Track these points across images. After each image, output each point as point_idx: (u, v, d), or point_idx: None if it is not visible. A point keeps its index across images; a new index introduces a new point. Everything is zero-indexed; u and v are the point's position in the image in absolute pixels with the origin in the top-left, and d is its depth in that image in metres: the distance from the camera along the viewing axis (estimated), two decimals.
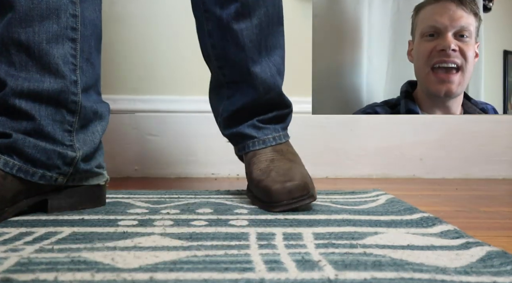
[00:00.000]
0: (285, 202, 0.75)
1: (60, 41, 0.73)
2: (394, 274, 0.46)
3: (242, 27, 0.81)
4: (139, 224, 0.67)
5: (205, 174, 1.27)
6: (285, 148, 0.86)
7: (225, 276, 0.45)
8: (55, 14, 0.72)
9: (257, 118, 0.86)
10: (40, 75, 0.71)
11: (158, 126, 1.27)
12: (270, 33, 0.84)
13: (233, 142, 0.90)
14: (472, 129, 1.32)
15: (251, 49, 0.82)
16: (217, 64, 0.86)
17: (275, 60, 0.85)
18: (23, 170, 0.70)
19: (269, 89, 0.84)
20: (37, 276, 0.45)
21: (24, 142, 0.70)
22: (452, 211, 0.84)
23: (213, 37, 0.84)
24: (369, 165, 1.30)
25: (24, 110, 0.70)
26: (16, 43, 0.70)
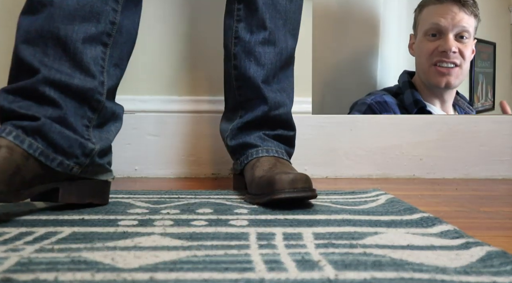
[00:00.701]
0: (287, 190, 0.75)
1: (94, 44, 0.77)
2: (394, 274, 0.46)
3: (266, 51, 0.92)
4: (139, 224, 0.67)
5: (205, 174, 1.27)
6: (286, 163, 0.90)
7: (225, 276, 0.45)
8: (96, 18, 0.77)
9: (263, 132, 0.93)
10: (71, 71, 0.75)
11: (158, 126, 1.27)
12: (283, 67, 0.95)
13: (236, 154, 0.94)
14: (472, 129, 1.32)
15: (269, 69, 0.92)
16: (236, 84, 0.94)
17: (284, 89, 0.95)
18: (45, 154, 0.72)
19: (278, 105, 0.93)
20: (37, 276, 0.45)
21: (50, 127, 0.72)
22: (452, 211, 0.84)
23: (237, 59, 0.93)
24: (369, 165, 1.30)
25: (52, 98, 0.73)
26: (54, 37, 0.74)
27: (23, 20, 0.76)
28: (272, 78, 0.93)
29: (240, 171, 0.94)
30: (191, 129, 1.27)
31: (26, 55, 0.74)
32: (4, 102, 0.72)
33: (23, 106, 0.72)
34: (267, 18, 0.92)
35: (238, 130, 0.94)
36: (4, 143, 0.68)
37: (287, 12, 0.93)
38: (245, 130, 0.94)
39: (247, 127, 0.94)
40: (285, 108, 0.94)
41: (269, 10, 0.92)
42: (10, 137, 0.69)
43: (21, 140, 0.70)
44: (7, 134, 0.69)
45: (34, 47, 0.74)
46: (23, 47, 0.74)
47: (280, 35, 0.93)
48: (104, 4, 0.78)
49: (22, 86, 0.73)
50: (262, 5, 0.91)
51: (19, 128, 0.70)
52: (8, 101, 0.72)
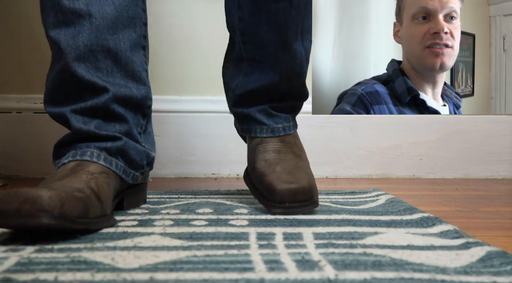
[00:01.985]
0: (287, 204, 0.72)
1: (137, 49, 0.76)
2: (394, 274, 0.46)
3: (280, 7, 0.77)
4: (139, 224, 0.67)
5: (205, 174, 1.27)
6: (292, 139, 0.84)
7: (225, 276, 0.45)
8: (133, 22, 0.75)
9: (270, 105, 0.83)
10: (124, 82, 0.74)
11: (158, 126, 1.27)
12: (305, 15, 0.80)
13: (239, 120, 0.87)
14: (472, 129, 1.32)
15: (284, 32, 0.78)
16: (241, 39, 0.81)
17: (306, 45, 0.82)
18: (125, 171, 0.73)
19: (292, 77, 0.82)
20: (37, 276, 0.45)
21: (129, 145, 0.74)
22: (452, 211, 0.84)
23: (242, 9, 0.79)
24: (369, 165, 1.30)
25: (119, 114, 0.74)
26: (105, 50, 0.72)
27: (58, 34, 0.71)
28: (291, 39, 0.79)
29: (243, 137, 0.89)
30: (191, 129, 1.27)
31: (83, 74, 0.71)
32: (79, 124, 0.71)
33: (97, 126, 0.72)
34: None
35: (240, 97, 0.85)
36: (100, 169, 0.69)
37: None
38: (249, 99, 0.84)
39: (251, 97, 0.84)
40: (299, 80, 0.83)
41: None
42: (102, 162, 0.70)
43: (109, 162, 0.71)
44: (97, 158, 0.70)
45: (86, 63, 0.72)
46: (77, 65, 0.71)
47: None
48: (136, 7, 0.76)
49: (94, 106, 0.72)
50: None
51: (104, 150, 0.71)
52: (83, 123, 0.72)
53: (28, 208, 0.53)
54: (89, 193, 0.62)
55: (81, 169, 0.67)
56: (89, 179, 0.65)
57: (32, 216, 0.53)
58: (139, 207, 0.79)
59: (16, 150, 1.24)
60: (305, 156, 0.83)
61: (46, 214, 0.54)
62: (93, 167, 0.68)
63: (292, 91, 0.83)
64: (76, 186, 0.62)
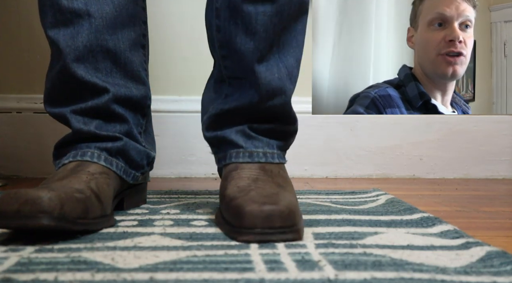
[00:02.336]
0: (258, 229, 0.56)
1: (136, 48, 0.76)
2: (394, 274, 0.46)
3: (259, 11, 0.67)
4: (139, 224, 0.67)
5: (205, 174, 1.27)
6: (276, 169, 0.70)
7: (225, 276, 0.45)
8: (133, 21, 0.74)
9: (249, 125, 0.72)
10: (124, 82, 0.74)
11: (158, 126, 1.27)
12: (288, 27, 0.70)
13: (213, 148, 0.76)
14: (472, 129, 1.32)
15: (262, 39, 0.68)
16: (220, 52, 0.72)
17: (287, 61, 0.71)
18: (125, 171, 0.74)
19: (273, 94, 0.69)
20: (37, 276, 0.45)
21: (129, 145, 0.74)
22: (452, 211, 0.84)
23: (220, 17, 0.70)
24: (369, 165, 1.30)
25: (120, 114, 0.73)
26: (104, 50, 0.72)
27: (57, 34, 0.70)
28: (267, 50, 0.69)
29: (220, 169, 0.75)
30: (190, 129, 1.27)
31: (83, 75, 0.71)
32: (79, 124, 0.71)
33: (98, 127, 0.72)
34: None
35: (216, 118, 0.73)
36: (100, 169, 0.69)
37: None
38: (226, 120, 0.72)
39: (228, 117, 0.72)
40: (283, 98, 0.71)
41: None
42: (102, 162, 0.70)
43: (110, 162, 0.71)
44: (97, 159, 0.69)
45: (85, 63, 0.71)
46: (77, 66, 0.70)
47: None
48: (136, 5, 0.74)
49: (94, 106, 0.72)
50: None
51: (104, 151, 0.71)
52: (83, 123, 0.72)
53: (28, 209, 0.53)
54: (89, 193, 0.62)
55: (82, 169, 0.67)
56: (89, 180, 0.65)
57: (32, 217, 0.53)
58: (139, 207, 0.79)
59: (16, 150, 1.24)
60: (290, 188, 0.68)
61: (46, 215, 0.54)
62: (94, 167, 0.68)
63: (275, 111, 0.72)
64: (76, 187, 0.61)
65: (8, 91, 1.26)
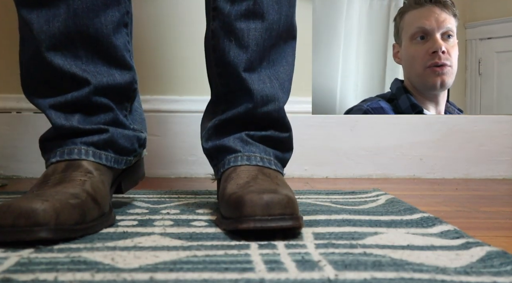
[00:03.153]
0: (258, 216, 0.57)
1: (120, 30, 0.71)
2: (394, 274, 0.46)
3: (250, 27, 0.71)
4: (139, 224, 0.67)
5: (205, 174, 1.27)
6: (274, 174, 0.71)
7: (225, 276, 0.45)
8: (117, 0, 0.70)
9: (246, 132, 0.74)
10: (107, 68, 0.70)
11: (158, 126, 1.27)
12: (277, 45, 0.74)
13: (213, 161, 0.77)
14: (472, 129, 1.32)
15: (254, 52, 0.72)
16: (216, 71, 0.75)
17: (278, 76, 0.75)
18: (116, 160, 0.72)
19: (267, 100, 0.72)
20: (37, 276, 0.45)
21: (117, 134, 0.71)
22: (452, 211, 0.84)
23: (215, 38, 0.74)
24: (369, 165, 1.30)
25: (103, 104, 0.70)
26: (84, 36, 0.67)
27: (30, 14, 0.66)
28: (258, 63, 0.73)
29: (219, 181, 0.75)
30: (191, 129, 1.27)
31: (61, 64, 0.67)
32: (61, 120, 0.68)
33: (80, 121, 0.69)
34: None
35: (214, 130, 0.76)
36: (92, 166, 0.67)
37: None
38: (224, 130, 0.75)
39: (225, 127, 0.75)
40: (276, 104, 0.73)
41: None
42: (91, 158, 0.68)
43: (99, 157, 0.69)
44: (86, 155, 0.68)
45: (63, 51, 0.67)
46: (53, 55, 0.67)
47: (269, 3, 0.71)
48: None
49: (75, 99, 0.69)
50: None
51: (91, 145, 0.69)
52: (64, 119, 0.69)
53: (23, 222, 0.53)
54: (85, 197, 0.61)
55: (73, 171, 0.65)
56: (83, 181, 0.64)
57: (28, 231, 0.53)
58: (139, 207, 0.79)
59: (16, 150, 1.24)
60: (289, 189, 0.68)
61: (43, 228, 0.53)
62: (85, 165, 0.67)
63: (269, 118, 0.74)
64: (71, 192, 0.60)
65: (8, 91, 1.26)
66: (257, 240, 0.58)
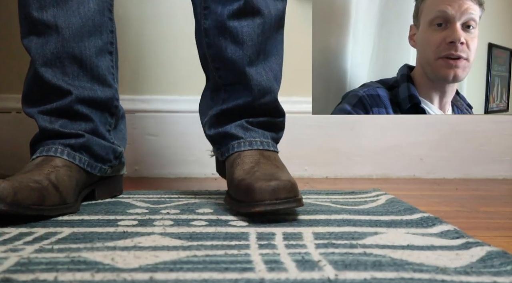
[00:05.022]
0: (267, 201, 0.66)
1: (103, 54, 0.84)
2: (394, 274, 0.46)
3: (243, 25, 0.78)
4: (139, 224, 0.67)
5: (205, 174, 1.27)
6: (272, 155, 0.81)
7: (225, 276, 0.45)
8: (99, 30, 0.83)
9: (246, 120, 0.83)
10: (90, 84, 0.82)
11: (158, 126, 1.27)
12: (270, 37, 0.81)
13: (216, 145, 0.86)
14: (472, 129, 1.32)
15: (250, 47, 0.79)
16: (213, 65, 0.83)
17: (271, 66, 0.83)
18: (90, 164, 0.82)
19: (264, 92, 0.81)
20: (37, 276, 0.45)
21: (92, 141, 0.82)
22: (452, 211, 0.84)
23: (209, 36, 0.81)
24: (369, 165, 1.30)
25: (84, 114, 0.82)
26: (70, 56, 0.80)
27: (29, 43, 0.80)
28: (256, 56, 0.80)
29: (223, 162, 0.85)
30: (191, 129, 1.27)
31: (50, 78, 0.79)
32: (45, 123, 0.80)
33: (63, 125, 0.80)
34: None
35: (216, 118, 0.84)
36: (62, 163, 0.77)
37: None
38: (225, 118, 0.83)
39: (227, 116, 0.83)
40: (272, 95, 0.82)
41: None
42: (65, 157, 0.78)
43: (73, 157, 0.79)
44: (61, 154, 0.78)
45: (53, 68, 0.80)
46: (44, 70, 0.79)
47: (259, 0, 0.78)
48: (102, 16, 0.83)
49: (59, 107, 0.80)
50: None
51: (67, 147, 0.79)
52: (48, 122, 0.80)
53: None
54: (47, 184, 0.70)
55: (46, 163, 0.76)
56: (50, 172, 0.74)
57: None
58: (139, 207, 0.80)
59: (16, 150, 1.24)
60: (286, 170, 0.79)
61: (1, 202, 0.63)
62: (57, 161, 0.77)
63: (266, 107, 0.83)
64: (35, 178, 0.70)
65: (8, 91, 1.26)
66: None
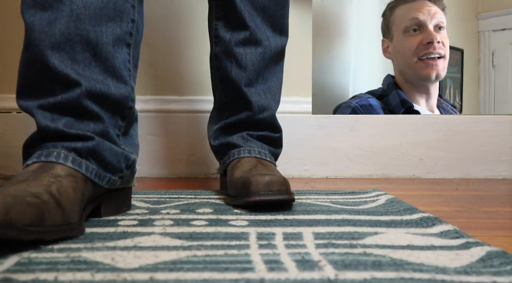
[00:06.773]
0: (262, 192, 0.74)
1: (121, 45, 0.71)
2: (394, 274, 0.46)
3: (247, 52, 0.89)
4: (139, 223, 0.67)
5: (205, 174, 1.27)
6: (269, 164, 0.87)
7: (225, 276, 0.45)
8: (119, 17, 0.70)
9: (246, 132, 0.91)
10: (102, 77, 0.68)
11: (158, 127, 1.27)
12: (269, 65, 0.91)
13: (219, 156, 0.94)
14: (472, 129, 1.32)
15: (252, 71, 0.89)
16: (221, 86, 0.93)
17: (270, 88, 0.92)
18: (98, 174, 0.67)
19: (263, 109, 0.90)
20: (37, 276, 0.45)
21: (103, 145, 0.67)
22: (452, 211, 0.84)
23: (218, 59, 0.91)
24: (369, 165, 1.30)
25: (94, 112, 0.67)
26: (83, 41, 0.66)
27: (33, 16, 0.65)
28: (255, 79, 0.90)
29: (224, 171, 0.93)
30: (191, 129, 1.27)
31: (57, 64, 0.65)
32: (46, 121, 0.65)
33: (68, 124, 0.66)
34: (247, 17, 0.87)
35: (221, 131, 0.93)
36: (66, 171, 0.62)
37: (265, 8, 0.88)
38: (228, 130, 0.92)
39: (230, 128, 0.92)
40: (270, 112, 0.91)
41: (247, 7, 0.87)
42: (69, 164, 0.63)
43: (78, 164, 0.64)
44: (64, 160, 0.63)
45: (61, 53, 0.65)
46: (51, 54, 0.65)
47: (261, 33, 0.89)
48: (125, 1, 0.71)
49: (64, 101, 0.66)
50: (239, 2, 0.87)
51: (72, 151, 0.65)
52: (50, 120, 0.65)
53: None
54: (47, 198, 0.55)
55: (44, 172, 0.61)
56: (50, 183, 0.58)
57: None
58: (139, 207, 0.79)
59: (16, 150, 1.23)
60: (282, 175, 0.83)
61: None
62: (59, 169, 0.62)
63: (264, 122, 0.91)
64: (33, 190, 0.55)
65: (8, 91, 1.26)
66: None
